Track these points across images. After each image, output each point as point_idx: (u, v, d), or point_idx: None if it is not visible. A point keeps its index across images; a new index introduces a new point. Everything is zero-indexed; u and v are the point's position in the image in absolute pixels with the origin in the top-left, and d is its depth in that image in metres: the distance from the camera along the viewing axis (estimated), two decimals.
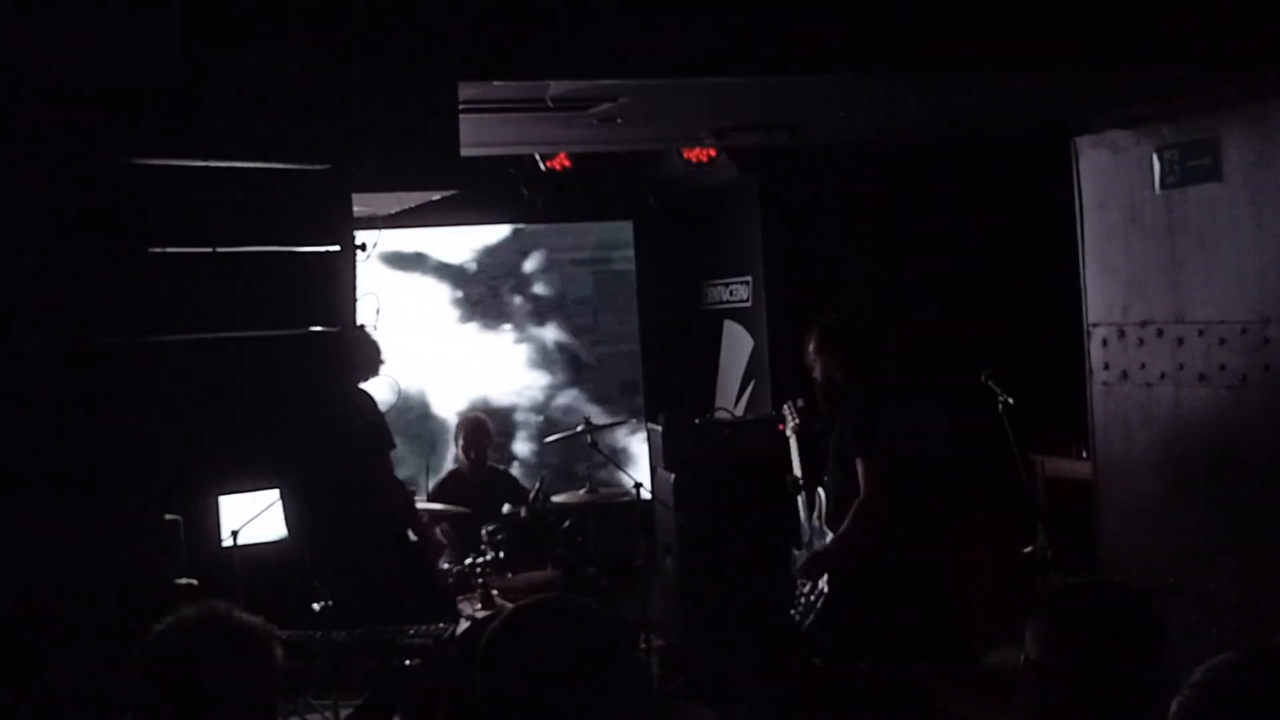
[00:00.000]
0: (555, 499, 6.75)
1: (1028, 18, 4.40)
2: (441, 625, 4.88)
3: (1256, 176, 4.98)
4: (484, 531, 6.07)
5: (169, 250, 3.28)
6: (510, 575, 5.97)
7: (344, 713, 5.37)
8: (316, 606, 6.34)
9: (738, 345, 8.25)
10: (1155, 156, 5.41)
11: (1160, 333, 5.43)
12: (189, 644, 2.18)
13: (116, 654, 2.29)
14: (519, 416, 8.51)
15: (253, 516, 5.46)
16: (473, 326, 8.43)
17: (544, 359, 8.58)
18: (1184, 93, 5.16)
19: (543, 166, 7.33)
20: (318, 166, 3.45)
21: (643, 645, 6.31)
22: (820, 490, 5.27)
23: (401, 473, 7.92)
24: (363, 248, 3.54)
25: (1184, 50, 4.60)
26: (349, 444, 4.79)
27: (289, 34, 3.51)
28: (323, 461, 4.52)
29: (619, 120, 5.07)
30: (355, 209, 3.63)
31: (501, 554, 5.95)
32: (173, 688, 2.15)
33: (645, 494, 6.73)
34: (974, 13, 4.36)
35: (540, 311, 8.58)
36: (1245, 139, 5.01)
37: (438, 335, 8.27)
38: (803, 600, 5.21)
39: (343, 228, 3.50)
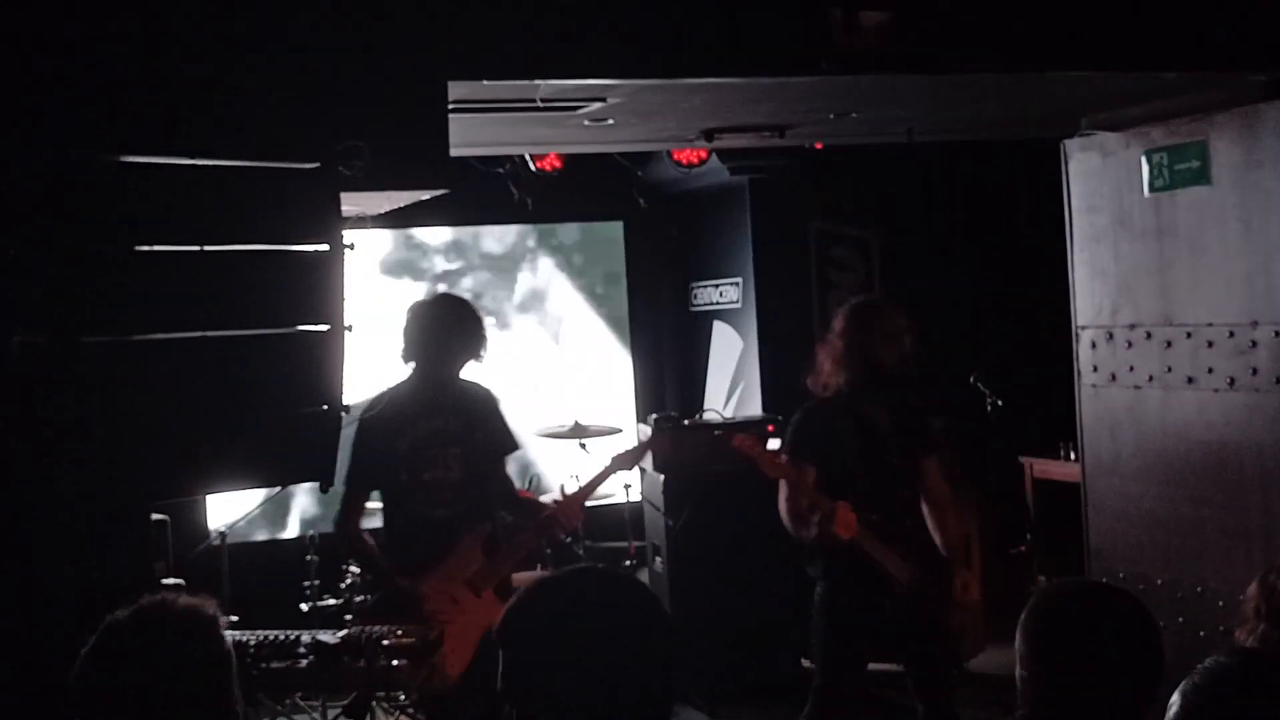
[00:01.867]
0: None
1: (1017, 21, 4.41)
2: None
3: (1245, 180, 4.99)
4: None
5: (156, 249, 3.25)
6: None
7: (331, 713, 5.35)
8: (305, 607, 6.35)
9: (727, 346, 8.25)
10: (1144, 160, 5.41)
11: (1148, 335, 5.44)
12: (127, 634, 2.16)
13: None
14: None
15: (240, 517, 5.45)
16: None
17: (532, 359, 8.56)
18: (1173, 96, 5.18)
19: (533, 167, 7.32)
20: (306, 165, 3.43)
21: None
22: None
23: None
24: (352, 247, 3.52)
25: (1173, 55, 4.61)
26: None
27: (278, 32, 3.49)
28: None
29: (609, 121, 5.07)
30: (344, 208, 3.61)
31: None
32: (117, 679, 2.12)
33: (634, 495, 6.73)
34: (963, 16, 4.37)
35: (529, 311, 8.57)
36: (1234, 143, 5.02)
37: None
38: None
39: (331, 227, 3.48)
